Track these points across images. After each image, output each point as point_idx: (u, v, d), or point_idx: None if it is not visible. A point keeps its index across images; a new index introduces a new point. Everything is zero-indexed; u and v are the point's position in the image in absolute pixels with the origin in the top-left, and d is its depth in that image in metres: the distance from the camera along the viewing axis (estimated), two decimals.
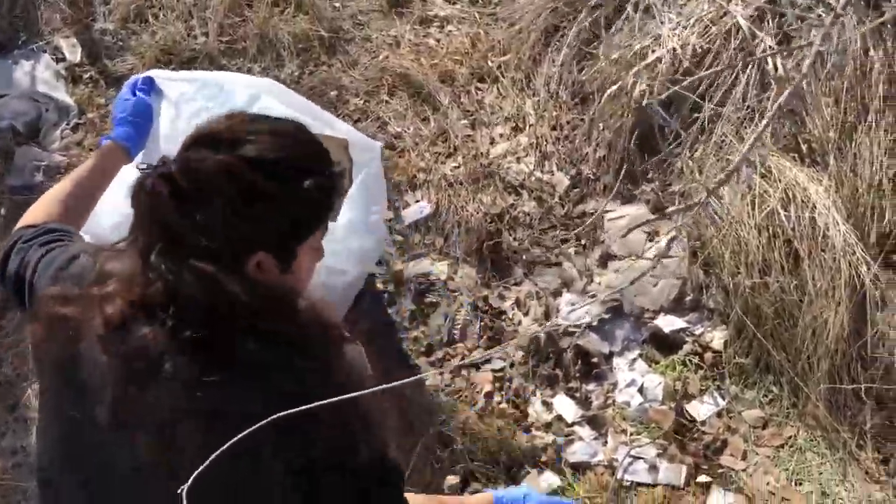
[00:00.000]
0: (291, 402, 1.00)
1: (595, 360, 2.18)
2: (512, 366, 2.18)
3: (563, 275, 2.33)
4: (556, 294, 2.30)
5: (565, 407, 2.11)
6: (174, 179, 0.98)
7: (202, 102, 1.83)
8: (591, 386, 2.16)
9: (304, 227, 1.09)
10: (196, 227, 0.98)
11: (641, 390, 2.12)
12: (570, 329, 2.20)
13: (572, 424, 2.08)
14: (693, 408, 2.07)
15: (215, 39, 2.99)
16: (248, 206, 1.01)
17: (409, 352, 2.26)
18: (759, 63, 2.27)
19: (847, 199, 2.09)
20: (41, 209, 1.44)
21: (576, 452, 2.04)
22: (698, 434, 2.04)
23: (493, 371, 2.18)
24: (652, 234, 2.30)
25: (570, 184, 2.44)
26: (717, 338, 2.15)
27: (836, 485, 1.93)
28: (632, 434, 2.06)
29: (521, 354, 2.18)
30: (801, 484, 1.95)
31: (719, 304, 2.17)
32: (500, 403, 2.12)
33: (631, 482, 1.99)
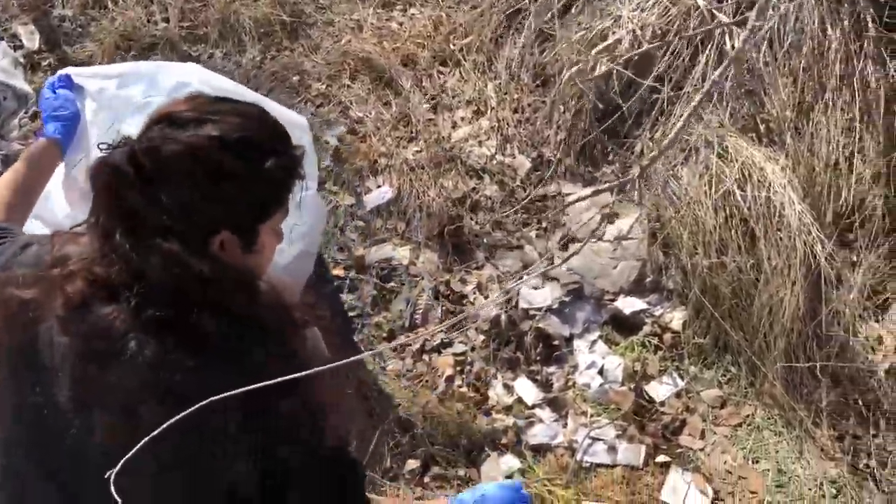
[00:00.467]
0: (255, 381, 1.00)
1: (556, 342, 2.18)
2: (473, 349, 2.18)
3: (524, 258, 2.32)
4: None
5: (526, 390, 2.11)
6: (137, 159, 0.98)
7: (127, 92, 1.84)
8: (551, 368, 2.16)
9: (266, 206, 1.09)
10: (159, 207, 0.98)
11: (601, 372, 2.12)
12: (531, 312, 2.20)
13: (533, 407, 2.09)
14: (652, 388, 2.08)
15: (176, 25, 2.95)
16: (212, 185, 1.01)
17: (371, 338, 2.25)
18: (718, 44, 2.26)
19: (804, 178, 2.10)
20: None
21: (536, 435, 2.04)
22: (657, 414, 2.05)
23: (454, 355, 2.17)
24: (612, 217, 2.29)
25: (531, 167, 2.43)
26: (676, 318, 2.15)
27: (793, 462, 1.94)
28: (592, 416, 2.06)
29: (483, 338, 2.18)
30: (758, 462, 1.96)
31: (678, 285, 2.17)
32: (460, 387, 2.12)
33: (590, 463, 2.00)
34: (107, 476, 0.83)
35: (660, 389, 2.08)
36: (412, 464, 1.99)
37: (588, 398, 2.09)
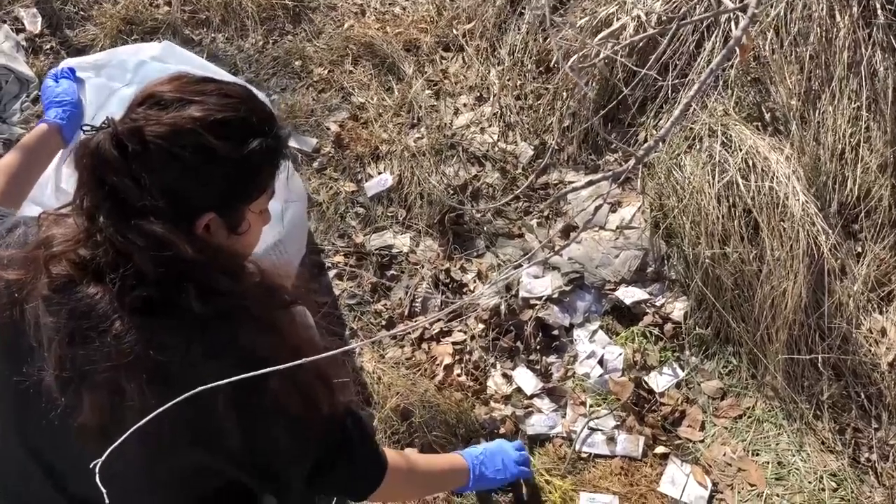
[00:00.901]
0: (241, 360, 1.00)
1: (556, 332, 2.17)
2: (472, 338, 2.16)
3: (525, 247, 2.30)
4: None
5: (525, 379, 2.10)
6: (121, 140, 0.97)
7: (103, 80, 1.87)
8: (551, 358, 2.15)
9: (252, 187, 1.09)
10: (144, 188, 0.97)
11: (601, 362, 2.11)
12: (531, 301, 2.18)
13: (531, 397, 2.07)
14: (652, 379, 2.06)
15: (178, 9, 2.94)
16: (196, 166, 1.00)
17: (370, 325, 2.24)
18: (725, 30, 2.23)
19: (809, 167, 2.07)
20: None
21: (534, 425, 2.03)
22: (657, 405, 2.03)
23: (453, 344, 2.16)
24: (614, 206, 2.27)
25: (533, 154, 2.41)
26: (677, 309, 2.13)
27: (793, 455, 1.92)
28: (591, 406, 2.05)
29: (482, 327, 2.17)
30: (757, 454, 1.95)
31: (680, 275, 2.15)
32: (459, 376, 2.11)
33: (589, 454, 1.98)
34: (92, 466, 0.82)
35: (660, 380, 2.06)
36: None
37: (587, 388, 2.08)
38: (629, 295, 2.16)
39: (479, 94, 2.55)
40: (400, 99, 2.58)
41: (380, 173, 2.46)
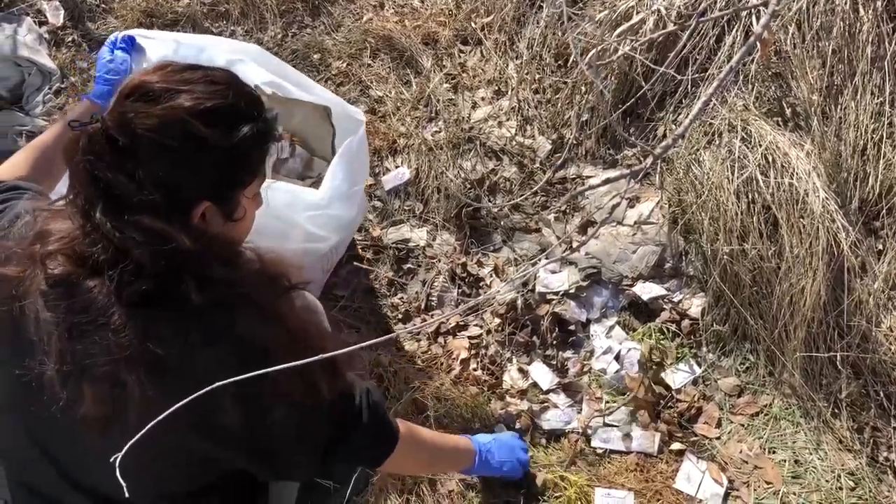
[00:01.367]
0: (239, 347, 1.01)
1: (572, 327, 2.16)
2: (488, 333, 2.17)
3: (542, 241, 2.30)
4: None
5: (541, 374, 2.10)
6: (111, 135, 0.97)
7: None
8: (567, 353, 2.14)
9: (244, 173, 1.10)
10: (138, 183, 0.98)
11: (618, 358, 2.10)
12: (548, 296, 2.18)
13: (547, 392, 2.07)
14: (669, 376, 2.05)
15: (198, 1, 2.95)
16: (188, 156, 1.01)
17: (386, 319, 2.25)
18: (746, 25, 2.21)
19: (830, 163, 2.05)
20: (13, 163, 1.45)
21: (550, 420, 2.03)
22: (673, 402, 2.03)
23: (469, 338, 2.17)
24: (632, 201, 2.26)
25: (551, 149, 2.40)
26: (695, 305, 2.12)
27: (810, 453, 1.91)
28: (607, 402, 2.05)
29: (498, 322, 2.17)
30: (774, 452, 1.94)
31: (698, 271, 2.14)
32: (475, 370, 2.11)
33: (604, 450, 1.98)
34: (112, 460, 0.83)
35: (676, 377, 2.05)
36: None
37: (604, 384, 2.08)
38: (647, 291, 2.15)
39: (497, 88, 2.54)
40: (418, 92, 2.58)
41: (397, 167, 2.46)
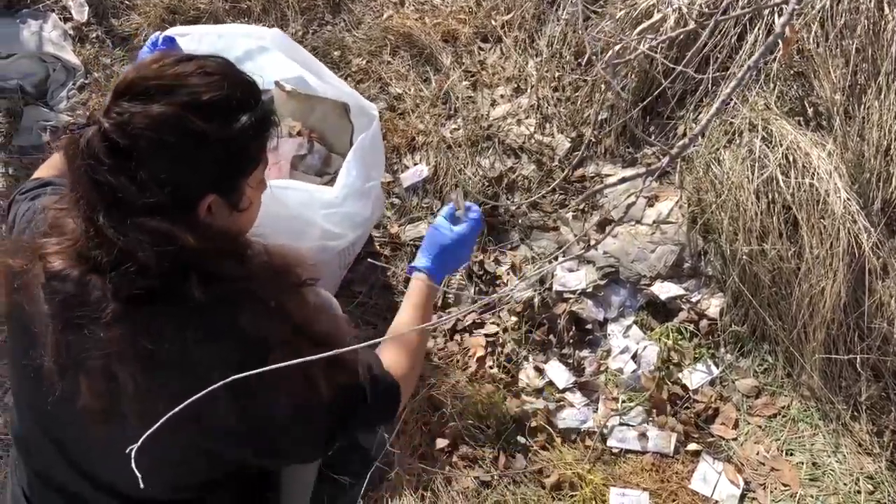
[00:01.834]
0: (241, 343, 1.01)
1: (589, 326, 2.16)
2: (505, 331, 2.17)
3: (560, 240, 2.29)
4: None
5: (557, 373, 2.10)
6: (109, 137, 0.96)
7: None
8: (584, 352, 2.14)
9: (247, 161, 1.09)
10: (139, 184, 0.96)
11: (635, 357, 2.10)
12: (565, 295, 2.18)
13: (563, 391, 2.07)
14: (686, 376, 2.04)
15: None
16: (189, 152, 1.00)
17: None
18: (768, 23, 2.19)
19: (852, 164, 2.02)
20: (50, 163, 1.47)
21: (566, 419, 2.03)
22: (690, 402, 2.02)
23: (485, 336, 2.17)
24: (651, 200, 2.25)
25: (570, 147, 2.39)
26: (713, 305, 2.11)
27: (828, 456, 1.90)
28: (623, 401, 2.04)
29: (515, 320, 2.17)
30: (792, 454, 1.92)
31: (717, 271, 2.13)
32: (491, 368, 2.12)
33: (620, 449, 1.98)
34: (128, 451, 0.84)
35: (694, 377, 2.04)
36: (441, 442, 2.00)
37: (620, 384, 2.07)
38: (665, 290, 2.14)
39: (516, 86, 2.54)
40: (437, 90, 2.58)
41: (416, 164, 2.47)
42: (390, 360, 1.30)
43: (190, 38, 1.87)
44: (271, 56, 2.02)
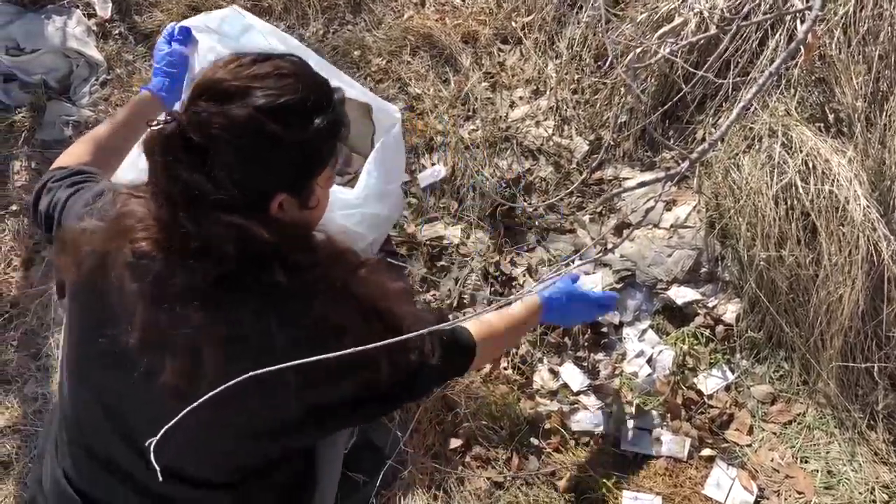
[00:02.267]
0: (314, 328, 1.08)
1: (605, 329, 2.16)
2: None
3: (577, 242, 2.29)
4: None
5: (572, 376, 2.10)
6: (187, 136, 1.00)
7: (214, 42, 1.85)
8: (599, 356, 2.14)
9: (318, 162, 1.12)
10: (215, 182, 1.00)
11: (650, 361, 2.09)
12: None
13: (578, 393, 2.07)
14: (701, 381, 2.04)
15: None
16: (263, 153, 1.03)
17: None
18: (790, 28, 2.18)
19: (872, 171, 2.01)
20: (74, 152, 1.49)
21: (580, 421, 2.03)
22: (705, 407, 2.01)
23: None
24: (669, 204, 2.24)
25: (588, 149, 2.39)
26: (729, 311, 2.10)
27: (844, 464, 1.89)
28: (638, 405, 2.04)
29: None
30: (807, 462, 1.91)
31: (734, 277, 2.12)
32: (505, 369, 2.12)
33: (634, 454, 1.98)
34: (147, 444, 0.85)
35: (709, 382, 2.04)
36: (454, 442, 2.01)
37: (635, 387, 2.07)
38: (681, 295, 2.14)
39: (535, 88, 2.54)
40: (456, 91, 2.59)
41: (433, 164, 2.48)
42: (472, 327, 1.42)
43: (204, 36, 1.87)
44: (259, 37, 2.00)
